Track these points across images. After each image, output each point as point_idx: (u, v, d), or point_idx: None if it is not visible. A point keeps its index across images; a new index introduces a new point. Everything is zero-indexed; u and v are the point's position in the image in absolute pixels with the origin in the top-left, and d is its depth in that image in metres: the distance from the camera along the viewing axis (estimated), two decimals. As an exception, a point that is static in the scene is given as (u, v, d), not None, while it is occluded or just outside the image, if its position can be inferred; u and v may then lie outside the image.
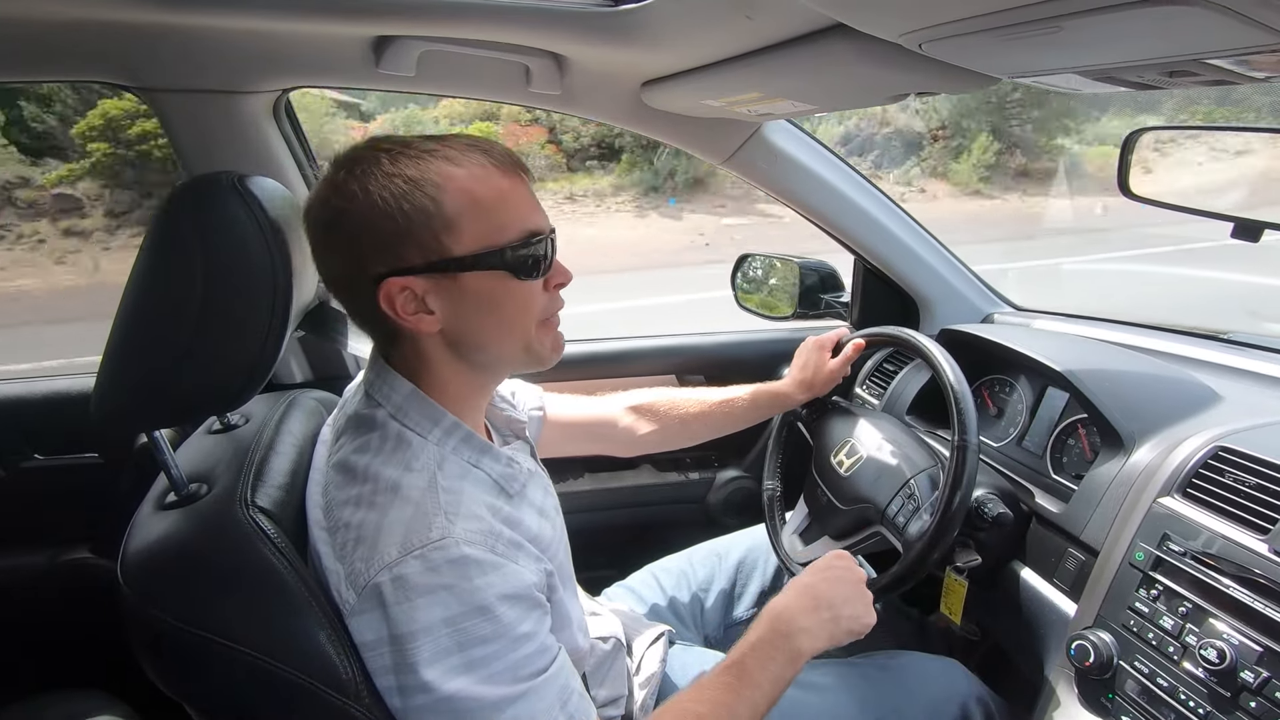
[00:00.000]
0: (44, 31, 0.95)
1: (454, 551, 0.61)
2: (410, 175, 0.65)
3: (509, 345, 0.73)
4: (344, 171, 0.66)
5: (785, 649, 0.75)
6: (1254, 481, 0.77)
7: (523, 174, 0.71)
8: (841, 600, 0.80)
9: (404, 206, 0.65)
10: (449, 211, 0.66)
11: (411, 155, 0.66)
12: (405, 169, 0.65)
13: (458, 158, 0.67)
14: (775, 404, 1.19)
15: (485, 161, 0.68)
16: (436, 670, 0.59)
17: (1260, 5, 0.44)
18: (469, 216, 0.66)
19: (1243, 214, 0.97)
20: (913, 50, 0.67)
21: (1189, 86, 0.67)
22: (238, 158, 1.14)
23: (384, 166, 0.66)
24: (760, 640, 0.76)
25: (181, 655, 0.61)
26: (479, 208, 0.67)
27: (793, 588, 0.82)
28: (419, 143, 0.68)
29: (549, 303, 0.74)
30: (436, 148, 0.67)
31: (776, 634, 0.76)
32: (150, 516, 0.69)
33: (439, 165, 0.66)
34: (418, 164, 0.66)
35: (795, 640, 0.76)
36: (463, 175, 0.66)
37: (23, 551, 1.31)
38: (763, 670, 0.73)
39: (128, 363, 0.66)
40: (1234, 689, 0.68)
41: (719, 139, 1.30)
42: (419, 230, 0.65)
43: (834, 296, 1.56)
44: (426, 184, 0.65)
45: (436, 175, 0.66)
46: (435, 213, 0.65)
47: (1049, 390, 1.15)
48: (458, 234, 0.66)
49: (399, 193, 0.65)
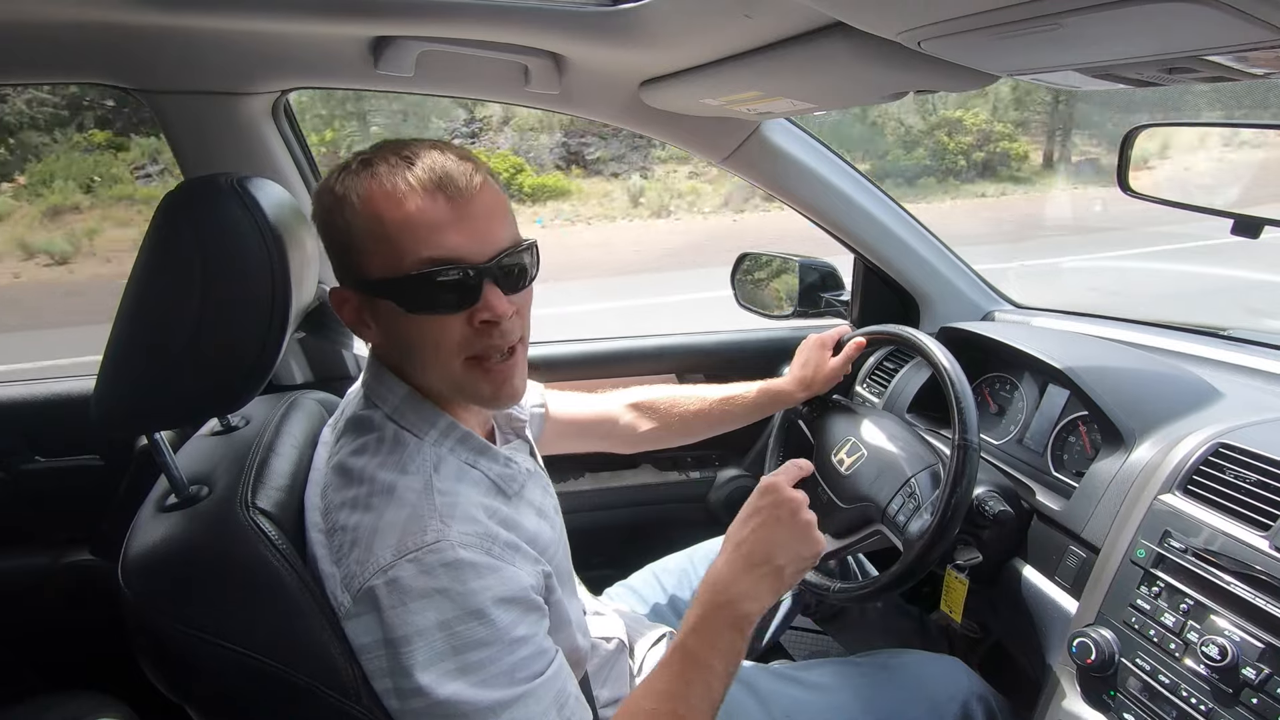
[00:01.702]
0: (44, 33, 0.95)
1: (449, 554, 0.61)
2: (338, 192, 0.66)
3: (432, 377, 0.70)
4: (323, 179, 0.69)
5: (729, 619, 0.71)
6: (1254, 478, 0.77)
7: (447, 193, 0.64)
8: (776, 548, 0.74)
9: (327, 222, 0.67)
10: (358, 234, 0.65)
11: (355, 169, 0.66)
12: (339, 184, 0.66)
13: (385, 175, 0.64)
14: (776, 402, 1.19)
15: (406, 181, 0.63)
16: (432, 674, 0.59)
17: (1258, 2, 0.44)
18: (373, 240, 0.64)
19: (1242, 210, 0.97)
20: (911, 48, 0.67)
21: (1188, 83, 0.67)
22: (237, 159, 1.14)
23: (331, 180, 0.67)
24: (701, 618, 0.71)
25: (182, 656, 0.61)
26: (382, 232, 0.64)
27: (724, 551, 0.76)
28: (385, 153, 0.66)
29: (473, 339, 0.67)
30: (378, 161, 0.65)
31: (716, 606, 0.71)
32: (151, 518, 0.69)
33: (365, 183, 0.65)
34: (352, 179, 0.65)
35: (738, 607, 0.71)
36: (377, 196, 0.64)
37: (24, 553, 1.31)
38: (710, 649, 0.69)
39: (128, 365, 0.66)
40: (1236, 685, 0.68)
41: (718, 138, 1.30)
42: (338, 249, 0.67)
43: (834, 295, 1.56)
44: (346, 204, 0.65)
45: (356, 195, 0.65)
46: (347, 233, 0.65)
47: (1049, 388, 1.15)
48: (365, 258, 0.65)
49: (326, 208, 0.67)
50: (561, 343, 1.58)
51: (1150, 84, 0.69)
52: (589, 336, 1.60)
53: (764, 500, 0.77)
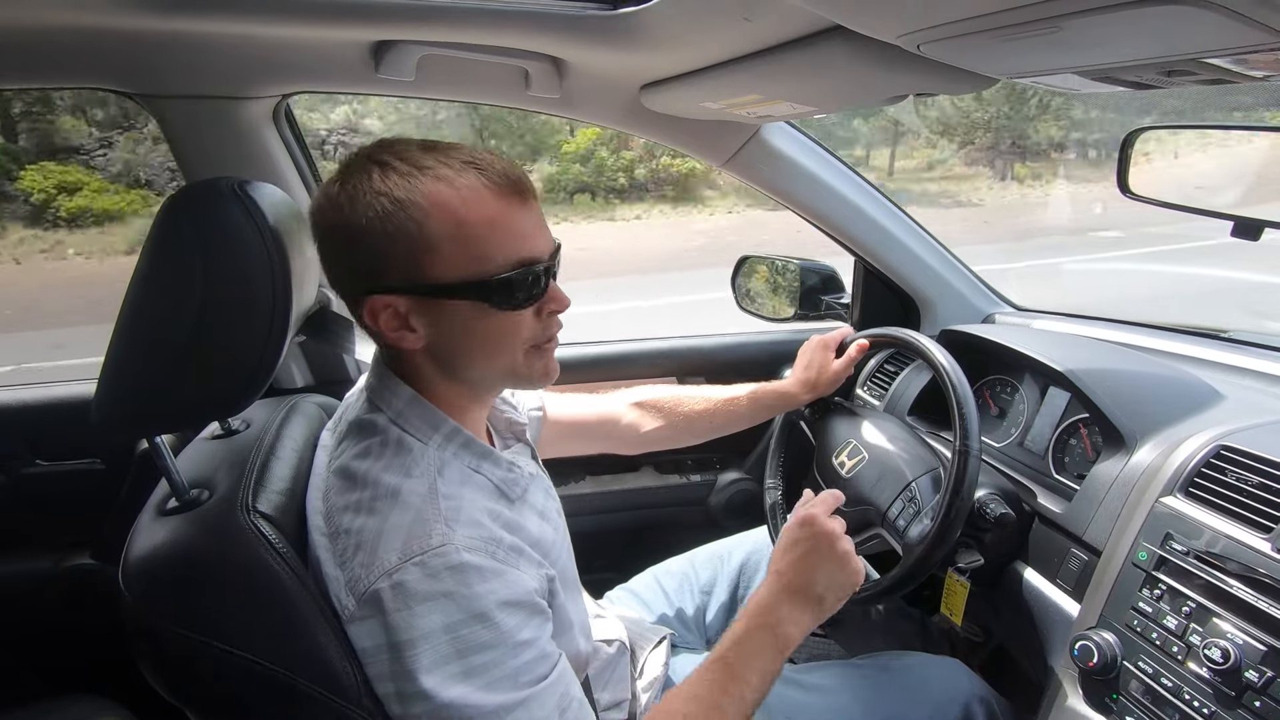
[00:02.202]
0: (45, 38, 0.96)
1: (454, 558, 0.61)
2: (396, 195, 0.63)
3: (493, 369, 0.72)
4: (338, 183, 0.65)
5: (770, 641, 0.75)
6: (1257, 480, 0.77)
7: (521, 195, 0.66)
8: (816, 577, 0.78)
9: (387, 228, 0.63)
10: (432, 237, 0.63)
11: (403, 171, 0.63)
12: (393, 187, 0.63)
13: (450, 177, 0.63)
14: (779, 403, 1.19)
15: (479, 183, 0.64)
16: (436, 678, 0.59)
17: (1258, 5, 0.44)
18: (452, 243, 0.63)
19: (1242, 212, 0.97)
20: (911, 51, 0.67)
21: (1187, 86, 0.67)
22: (238, 163, 1.14)
23: (373, 182, 0.63)
24: (745, 635, 0.75)
25: (182, 660, 0.61)
26: (463, 235, 0.63)
27: (770, 576, 0.80)
28: (416, 155, 0.65)
29: (540, 329, 0.71)
30: (431, 164, 0.64)
31: (759, 628, 0.75)
32: (151, 522, 0.69)
33: (428, 185, 0.63)
34: (407, 182, 0.63)
35: (779, 630, 0.75)
36: (451, 198, 0.63)
37: (25, 557, 1.31)
38: (748, 665, 0.73)
39: (129, 368, 0.66)
40: (1238, 689, 0.68)
41: (718, 141, 1.30)
42: (400, 253, 0.64)
43: (834, 298, 1.56)
44: (411, 206, 0.62)
45: (422, 197, 0.63)
46: (418, 236, 0.63)
47: (1050, 390, 1.15)
48: (440, 260, 0.64)
49: (383, 213, 0.63)
50: (561, 345, 1.58)
51: (1149, 86, 0.69)
52: (588, 340, 1.60)
53: (802, 532, 0.81)
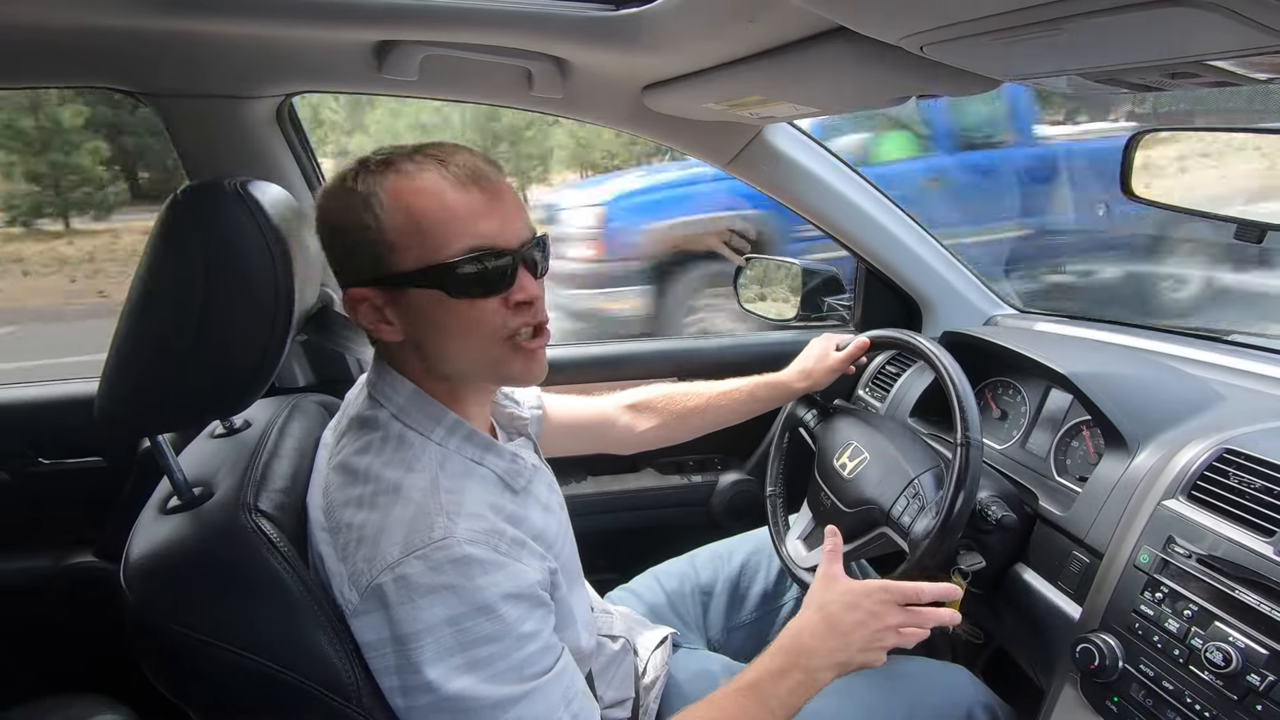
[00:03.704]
0: (48, 37, 0.96)
1: (456, 551, 0.61)
2: (360, 191, 0.66)
3: (468, 362, 0.72)
4: (331, 182, 0.69)
5: (805, 682, 0.76)
6: (1259, 484, 0.77)
7: (481, 186, 0.67)
8: (859, 645, 0.78)
9: (350, 221, 0.67)
10: (388, 228, 0.66)
11: (373, 169, 0.67)
12: (360, 183, 0.67)
13: (412, 171, 0.66)
14: (775, 394, 1.18)
15: (437, 174, 0.66)
16: (440, 670, 0.59)
17: (1262, 7, 0.44)
18: (408, 234, 0.66)
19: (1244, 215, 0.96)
20: (914, 53, 0.67)
21: (1191, 88, 0.67)
22: (241, 163, 1.14)
23: (347, 180, 0.67)
24: (782, 672, 0.76)
25: (183, 659, 0.61)
26: (418, 224, 0.66)
27: (820, 621, 0.80)
28: (394, 155, 0.68)
29: (510, 320, 0.70)
30: (399, 160, 0.67)
31: (798, 668, 0.76)
32: (153, 520, 0.69)
33: (391, 180, 0.66)
34: (374, 178, 0.66)
35: (816, 675, 0.77)
36: (407, 190, 0.66)
37: (26, 555, 1.32)
38: (777, 697, 0.74)
39: (131, 367, 0.66)
40: (1241, 692, 0.68)
41: (721, 142, 1.30)
42: (363, 246, 0.67)
43: (836, 299, 1.56)
44: (373, 200, 0.66)
45: (383, 191, 0.66)
46: (376, 229, 0.66)
47: (1052, 393, 1.14)
48: (399, 251, 0.66)
49: (345, 206, 0.67)
50: (559, 346, 1.58)
51: (1153, 89, 0.69)
52: (588, 340, 1.60)
53: (868, 602, 0.80)
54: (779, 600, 1.22)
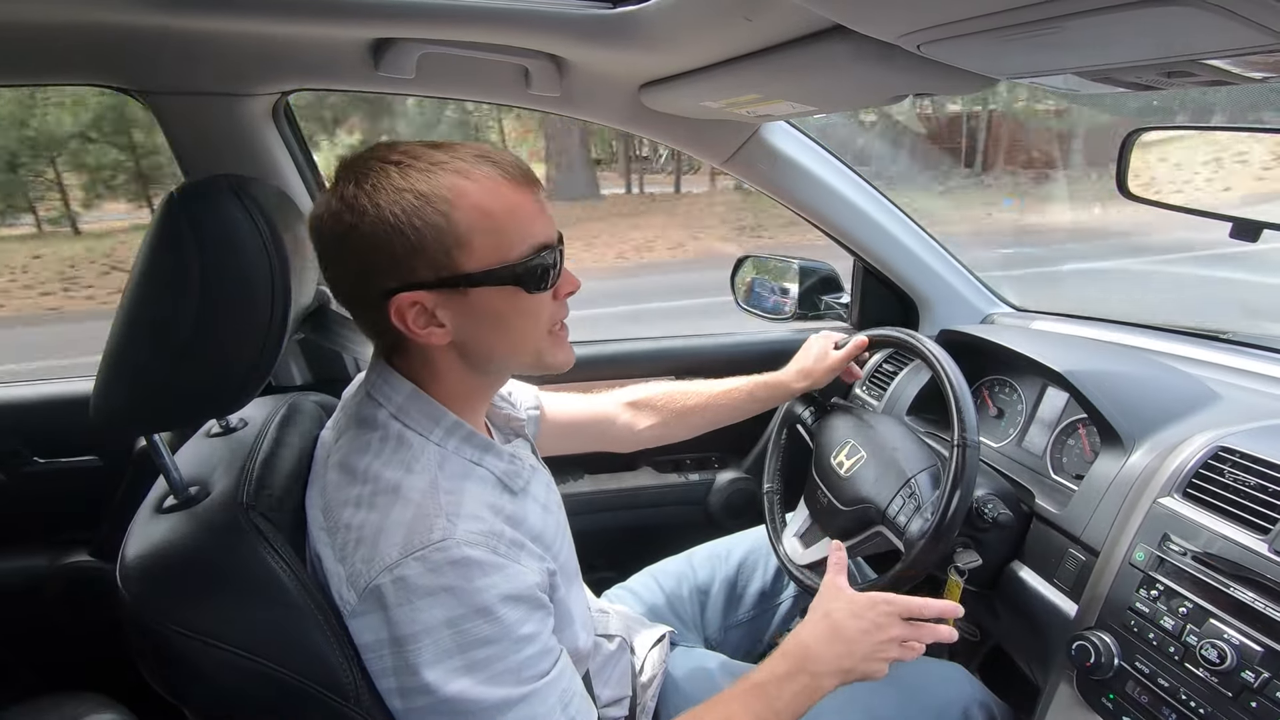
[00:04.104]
0: (42, 34, 0.95)
1: (455, 553, 0.61)
2: (421, 190, 0.64)
3: (519, 355, 0.74)
4: (353, 184, 0.64)
5: (810, 686, 0.77)
6: (1254, 482, 0.77)
7: (532, 184, 0.69)
8: (861, 655, 0.79)
9: (415, 222, 0.63)
10: (460, 227, 0.64)
11: (421, 168, 0.65)
12: (416, 183, 0.64)
13: (468, 170, 0.65)
14: (773, 393, 1.18)
15: (496, 174, 0.66)
16: (438, 671, 0.59)
17: (1258, 6, 0.44)
18: (480, 232, 0.65)
19: (1240, 214, 0.97)
20: (911, 51, 0.67)
21: (1187, 87, 0.67)
22: (237, 160, 1.14)
23: (394, 180, 0.64)
24: (787, 674, 0.77)
25: (180, 659, 0.61)
26: (489, 223, 0.65)
27: (826, 628, 0.81)
28: (428, 152, 0.66)
29: (556, 311, 0.74)
30: (446, 159, 0.66)
31: (804, 673, 0.77)
32: (149, 520, 0.69)
33: (450, 179, 0.65)
34: (428, 177, 0.64)
35: (821, 681, 0.77)
36: (473, 189, 0.65)
37: (22, 555, 1.31)
38: (783, 699, 0.75)
39: (126, 366, 0.66)
40: (1235, 689, 0.68)
41: (718, 140, 1.30)
42: (430, 246, 0.64)
43: (834, 297, 1.56)
44: (437, 199, 0.64)
45: (447, 190, 0.64)
46: (447, 229, 0.64)
47: (1048, 391, 1.15)
48: (469, 250, 0.65)
49: (410, 208, 0.63)
50: None
51: (1149, 87, 0.69)
52: (589, 339, 1.60)
53: (872, 613, 0.81)
54: (776, 599, 1.22)
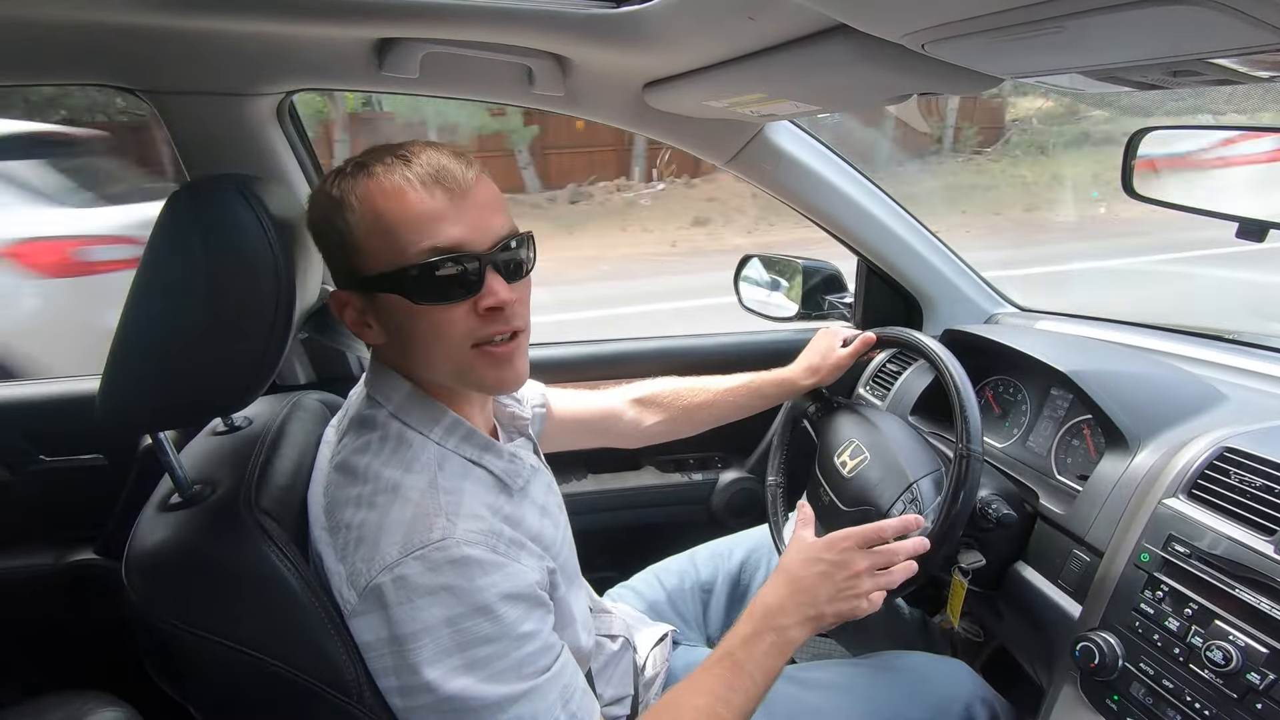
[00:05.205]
0: (48, 34, 0.96)
1: (455, 552, 0.61)
2: (333, 195, 0.67)
3: (438, 369, 0.71)
4: (317, 186, 0.71)
5: (774, 642, 0.76)
6: (1260, 483, 0.77)
7: (446, 187, 0.65)
8: (826, 597, 0.78)
9: (322, 227, 0.68)
10: (357, 232, 0.66)
11: (350, 172, 0.67)
12: (334, 187, 0.67)
13: (382, 174, 0.66)
14: (781, 390, 1.19)
15: (404, 177, 0.65)
16: (438, 670, 0.59)
17: (1265, 5, 0.44)
18: (373, 237, 0.66)
19: (1248, 214, 0.96)
20: (915, 51, 0.67)
21: (1193, 86, 0.67)
22: (242, 160, 1.14)
23: (325, 185, 0.68)
24: (752, 634, 0.76)
25: (185, 656, 0.61)
26: (381, 228, 0.65)
27: (782, 582, 0.80)
28: (375, 156, 0.68)
29: (481, 327, 0.68)
30: (373, 162, 0.67)
31: (765, 629, 0.76)
32: (154, 518, 0.69)
33: (362, 183, 0.66)
34: (348, 182, 0.67)
35: (784, 634, 0.76)
36: (373, 193, 0.66)
37: (28, 553, 1.32)
38: (752, 661, 0.74)
39: (132, 364, 0.66)
40: (1240, 691, 0.68)
41: (722, 140, 1.30)
42: (336, 250, 0.68)
43: (837, 297, 1.56)
44: (344, 204, 0.66)
45: (354, 195, 0.66)
46: (346, 233, 0.67)
47: (1053, 391, 1.14)
48: (365, 255, 0.66)
49: (322, 213, 0.68)
50: (562, 344, 1.58)
51: (1155, 87, 0.69)
52: (591, 339, 1.61)
53: (829, 554, 0.80)
54: (779, 598, 1.22)
